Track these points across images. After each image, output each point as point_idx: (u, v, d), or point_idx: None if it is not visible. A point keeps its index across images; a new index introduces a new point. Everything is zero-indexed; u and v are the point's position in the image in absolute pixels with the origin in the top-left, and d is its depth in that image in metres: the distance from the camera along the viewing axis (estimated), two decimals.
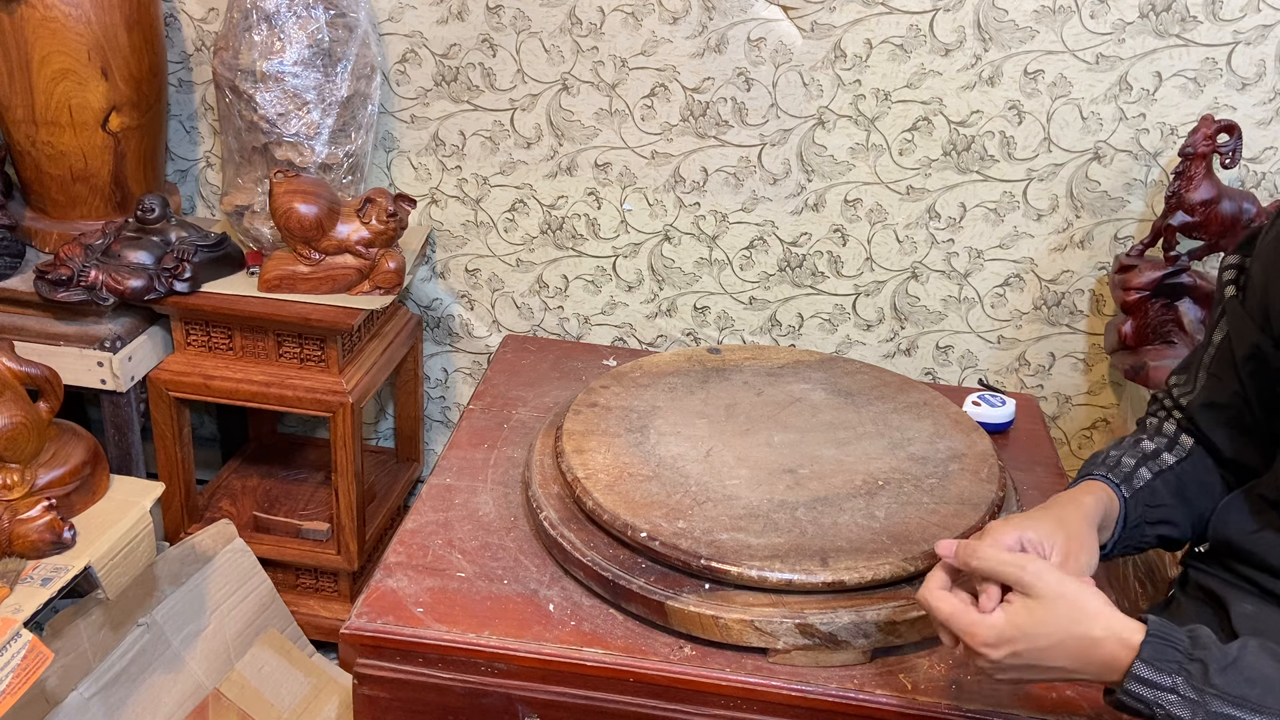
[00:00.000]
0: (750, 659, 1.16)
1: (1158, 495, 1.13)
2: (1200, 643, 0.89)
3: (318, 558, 1.82)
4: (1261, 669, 0.88)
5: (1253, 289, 1.09)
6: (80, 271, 1.62)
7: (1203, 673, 0.87)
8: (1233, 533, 1.09)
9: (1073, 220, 1.83)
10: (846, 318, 1.95)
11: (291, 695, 1.70)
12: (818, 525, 1.23)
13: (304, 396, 1.71)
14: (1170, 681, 0.87)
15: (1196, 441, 1.16)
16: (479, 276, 2.02)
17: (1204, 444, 1.16)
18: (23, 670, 1.19)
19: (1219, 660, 0.88)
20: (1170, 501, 1.13)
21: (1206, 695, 0.86)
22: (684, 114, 1.84)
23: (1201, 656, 0.88)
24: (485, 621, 1.19)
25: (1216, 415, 1.14)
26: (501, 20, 1.82)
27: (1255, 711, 0.85)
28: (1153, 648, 0.88)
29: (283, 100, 1.69)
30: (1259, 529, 1.07)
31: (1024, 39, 1.72)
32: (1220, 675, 0.87)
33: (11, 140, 1.74)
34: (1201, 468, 1.15)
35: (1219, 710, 0.86)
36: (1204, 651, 0.88)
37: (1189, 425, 1.17)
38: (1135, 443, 1.17)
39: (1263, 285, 1.07)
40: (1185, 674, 0.87)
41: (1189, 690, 0.87)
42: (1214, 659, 0.88)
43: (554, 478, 1.35)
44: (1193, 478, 1.15)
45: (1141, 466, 1.14)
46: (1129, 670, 0.88)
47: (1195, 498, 1.14)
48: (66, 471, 1.35)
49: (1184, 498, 1.14)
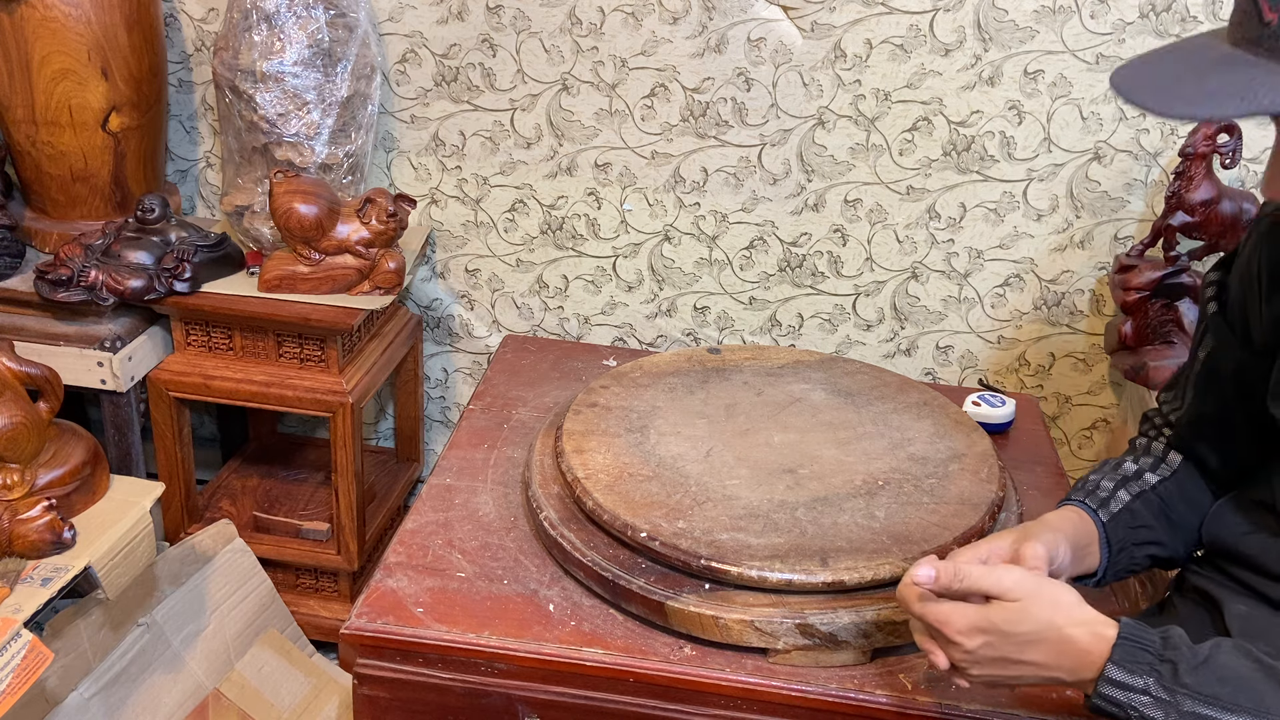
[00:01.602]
0: (750, 659, 1.16)
1: (1139, 517, 1.12)
2: (1171, 643, 0.90)
3: (318, 558, 1.82)
4: (1233, 667, 0.88)
5: (1232, 305, 1.10)
6: (80, 271, 1.62)
7: (1173, 673, 0.87)
8: (1225, 535, 1.10)
9: (1073, 220, 1.83)
10: (846, 318, 1.95)
11: (291, 695, 1.70)
12: (818, 525, 1.23)
13: (304, 396, 1.71)
14: (1142, 683, 0.88)
15: (1186, 458, 1.16)
16: (479, 276, 2.02)
17: (1194, 460, 1.16)
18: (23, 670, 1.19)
19: (1189, 660, 0.88)
20: (1152, 523, 1.13)
21: (1178, 695, 0.87)
22: (684, 114, 1.84)
23: (1172, 657, 0.88)
24: (485, 621, 1.19)
25: (1204, 431, 1.14)
26: (501, 20, 1.82)
27: (1228, 710, 0.86)
28: (1124, 649, 0.89)
29: (283, 100, 1.69)
30: (1250, 531, 1.07)
31: (1024, 39, 1.72)
32: (1191, 674, 0.87)
33: (11, 140, 1.74)
34: (1188, 485, 1.15)
35: (1191, 710, 0.86)
36: (1174, 652, 0.89)
37: (1179, 442, 1.17)
38: (1116, 466, 1.18)
39: (1241, 301, 1.09)
40: (1156, 674, 0.88)
41: (1160, 691, 0.87)
42: (1184, 659, 0.88)
43: (554, 478, 1.35)
44: (1177, 497, 1.14)
45: (1120, 489, 1.14)
46: (1101, 672, 0.89)
47: (1181, 517, 1.14)
48: (66, 471, 1.35)
49: (1168, 518, 1.13)
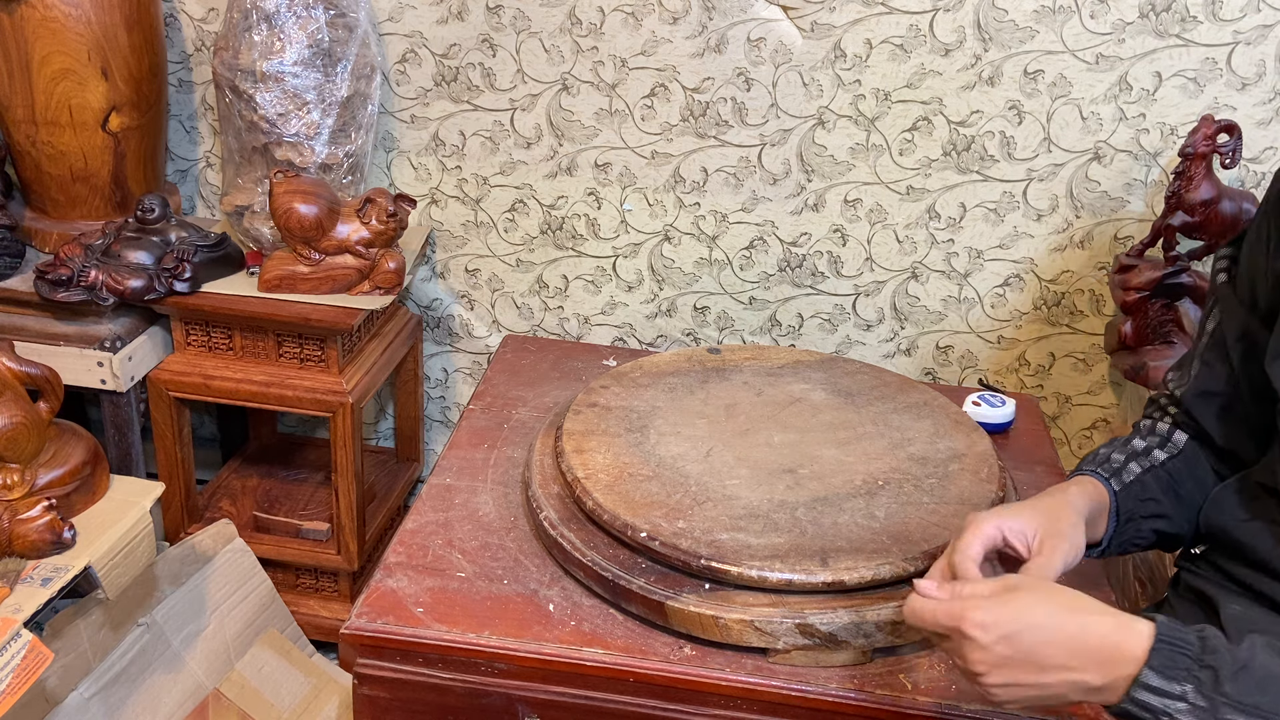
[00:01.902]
0: (750, 659, 1.16)
1: (1148, 489, 1.13)
2: (1209, 645, 0.86)
3: (318, 558, 1.82)
4: (1272, 671, 0.85)
5: (1242, 274, 1.12)
6: (80, 271, 1.62)
7: (1214, 679, 0.84)
8: (1227, 520, 1.09)
9: (1073, 220, 1.83)
10: (846, 318, 1.95)
11: (291, 695, 1.70)
12: (818, 525, 1.23)
13: (304, 396, 1.71)
14: (1180, 689, 0.84)
15: (1191, 436, 1.16)
16: (479, 276, 2.02)
17: (1198, 434, 1.16)
18: (23, 670, 1.19)
19: (1230, 665, 0.85)
20: (1160, 497, 1.13)
21: (1218, 703, 0.83)
22: (684, 114, 1.84)
23: (1212, 662, 0.85)
24: (485, 621, 1.19)
25: (1209, 402, 1.14)
26: (501, 20, 1.82)
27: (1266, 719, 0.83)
28: (1163, 654, 0.85)
29: (283, 100, 1.69)
30: (1250, 517, 1.07)
31: (1024, 39, 1.72)
32: (1231, 682, 0.84)
33: (11, 140, 1.74)
34: (1194, 464, 1.15)
35: (1229, 718, 0.83)
36: (1214, 656, 0.85)
37: (1184, 417, 1.17)
38: (1126, 442, 1.18)
39: (1249, 268, 1.10)
40: (1196, 680, 0.84)
41: (1199, 699, 0.84)
42: (1224, 664, 0.85)
43: (554, 478, 1.35)
44: (1185, 474, 1.14)
45: (1131, 462, 1.14)
46: (1137, 678, 0.85)
47: (1188, 494, 1.14)
48: (66, 471, 1.35)
49: (1176, 494, 1.14)
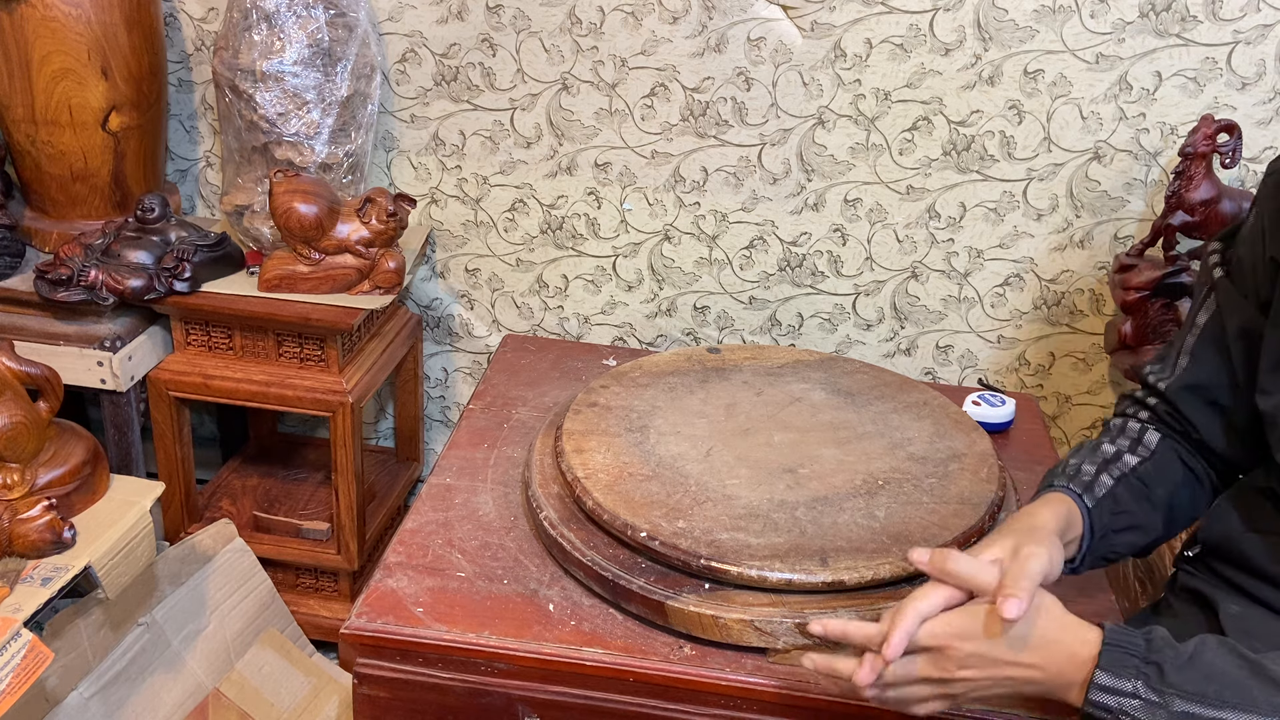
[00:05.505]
0: (750, 659, 1.16)
1: (1121, 502, 1.12)
2: (1155, 644, 0.90)
3: (318, 557, 1.83)
4: (1219, 664, 0.88)
5: (1240, 268, 1.11)
6: (80, 271, 1.62)
7: (1159, 673, 0.88)
8: (1228, 531, 1.09)
9: (1073, 220, 1.83)
10: (846, 317, 1.95)
11: (291, 695, 1.70)
12: (817, 525, 1.23)
13: (304, 396, 1.71)
14: (1131, 686, 0.88)
15: (1166, 433, 1.15)
16: (479, 276, 2.02)
17: (1178, 428, 1.15)
18: (23, 670, 1.19)
19: (1175, 659, 0.89)
20: (1133, 507, 1.12)
21: (1168, 695, 0.87)
22: (684, 114, 1.84)
23: (1157, 658, 0.89)
24: (485, 621, 1.19)
25: (1196, 396, 1.14)
26: (501, 20, 1.82)
27: (1216, 706, 0.86)
28: (1110, 654, 0.89)
29: (283, 100, 1.69)
30: (1249, 529, 1.07)
31: (1024, 39, 1.72)
32: (1177, 673, 0.88)
33: (11, 140, 1.74)
34: (1166, 466, 1.14)
35: (1183, 709, 0.86)
36: (1159, 653, 0.89)
37: (1166, 410, 1.16)
38: (1095, 448, 1.16)
39: (1251, 263, 1.09)
40: (1144, 676, 0.88)
41: (1149, 693, 0.88)
42: (1169, 659, 0.89)
43: (554, 478, 1.35)
44: (1156, 478, 1.13)
45: (1103, 473, 1.13)
46: (1090, 679, 0.89)
47: (1159, 498, 1.13)
48: (66, 471, 1.35)
49: (1149, 500, 1.13)
